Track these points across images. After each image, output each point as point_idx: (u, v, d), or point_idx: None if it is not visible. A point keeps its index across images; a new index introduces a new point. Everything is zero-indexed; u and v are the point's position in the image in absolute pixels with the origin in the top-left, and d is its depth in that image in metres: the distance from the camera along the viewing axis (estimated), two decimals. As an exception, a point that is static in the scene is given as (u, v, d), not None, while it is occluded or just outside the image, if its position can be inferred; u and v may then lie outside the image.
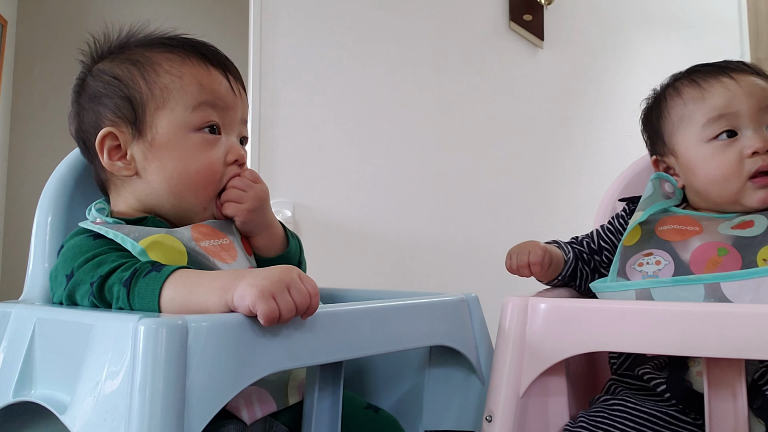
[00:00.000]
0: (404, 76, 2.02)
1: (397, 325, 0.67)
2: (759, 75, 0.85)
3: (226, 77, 0.77)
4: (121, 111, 0.73)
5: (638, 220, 0.84)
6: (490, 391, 0.71)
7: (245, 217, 0.77)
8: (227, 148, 0.75)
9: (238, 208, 0.76)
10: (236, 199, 0.76)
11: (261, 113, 1.88)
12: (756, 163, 0.81)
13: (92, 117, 0.75)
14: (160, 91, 0.72)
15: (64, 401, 0.54)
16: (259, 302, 0.52)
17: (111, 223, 0.68)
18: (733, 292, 0.71)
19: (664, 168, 0.93)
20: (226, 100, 0.76)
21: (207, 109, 0.74)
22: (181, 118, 0.72)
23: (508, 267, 0.91)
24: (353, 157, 1.96)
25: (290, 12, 1.94)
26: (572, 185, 2.13)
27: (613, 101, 2.19)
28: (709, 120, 0.84)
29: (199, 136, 0.73)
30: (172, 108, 0.72)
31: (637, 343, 0.65)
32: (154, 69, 0.73)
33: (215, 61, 0.77)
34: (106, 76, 0.74)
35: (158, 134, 0.72)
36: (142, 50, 0.75)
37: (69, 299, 0.65)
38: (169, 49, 0.75)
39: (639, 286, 0.76)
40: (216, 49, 0.79)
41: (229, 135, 0.76)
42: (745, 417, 0.65)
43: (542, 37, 2.14)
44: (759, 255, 0.75)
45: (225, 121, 0.76)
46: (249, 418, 0.64)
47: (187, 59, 0.75)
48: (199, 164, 0.73)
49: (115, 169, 0.73)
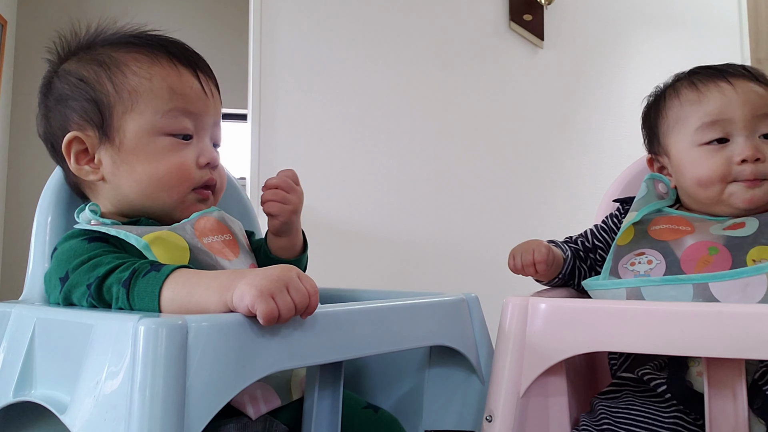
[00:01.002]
0: (404, 76, 2.02)
1: (397, 325, 0.67)
2: (759, 81, 0.85)
3: (197, 78, 0.74)
4: (88, 114, 0.71)
5: (632, 220, 0.85)
6: (490, 391, 0.71)
7: (288, 218, 0.79)
8: (199, 150, 0.74)
9: (282, 208, 0.78)
10: (282, 200, 0.78)
11: (261, 113, 1.88)
12: (744, 170, 0.81)
13: (59, 120, 0.73)
14: (128, 94, 0.70)
15: (64, 401, 0.54)
16: (259, 302, 0.52)
17: (109, 224, 0.68)
18: (721, 292, 0.72)
19: (658, 167, 0.94)
20: (198, 105, 0.74)
21: (178, 116, 0.72)
22: (150, 122, 0.70)
23: (512, 267, 0.91)
24: (353, 157, 1.96)
25: (290, 13, 1.94)
26: (572, 185, 2.14)
27: (613, 101, 2.19)
28: (703, 124, 0.84)
29: (167, 139, 0.71)
30: (141, 112, 0.70)
31: (637, 343, 0.65)
32: (122, 70, 0.71)
33: (185, 60, 0.74)
34: (72, 78, 0.72)
35: (126, 138, 0.70)
36: (109, 50, 0.72)
37: (66, 302, 0.65)
38: (136, 49, 0.72)
39: (630, 284, 0.77)
40: (185, 46, 0.76)
41: (201, 138, 0.75)
42: (745, 417, 0.65)
43: (542, 37, 2.14)
44: (748, 255, 0.75)
45: (197, 126, 0.74)
46: (254, 413, 0.64)
47: (156, 60, 0.72)
48: (169, 165, 0.71)
49: (82, 174, 0.72)
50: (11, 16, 3.35)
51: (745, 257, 0.76)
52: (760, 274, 0.71)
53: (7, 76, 3.30)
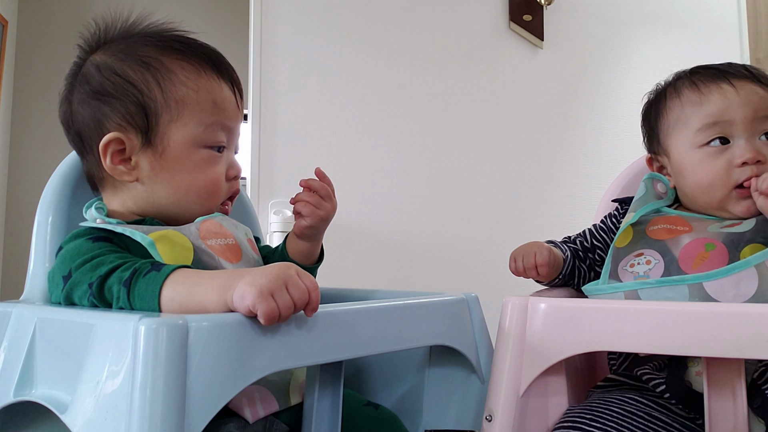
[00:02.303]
0: (404, 76, 2.02)
1: (397, 324, 0.67)
2: (760, 82, 0.85)
3: (234, 93, 0.76)
4: (133, 117, 0.70)
5: (629, 221, 0.85)
6: (490, 391, 0.71)
7: (315, 222, 0.81)
8: (228, 163, 0.76)
9: (314, 210, 0.81)
10: (316, 204, 0.81)
11: (261, 113, 1.88)
12: (744, 173, 0.81)
13: (93, 113, 0.71)
14: (175, 103, 0.71)
15: (65, 401, 0.54)
16: (259, 302, 0.52)
17: (115, 223, 0.68)
18: (716, 290, 0.72)
19: (657, 167, 0.94)
20: (234, 120, 0.76)
21: (218, 130, 0.74)
22: (193, 133, 0.72)
23: (514, 270, 0.91)
24: (353, 157, 1.96)
25: (290, 13, 1.94)
26: (572, 185, 2.14)
27: (613, 101, 2.19)
28: (704, 126, 0.84)
29: (206, 151, 0.73)
30: (185, 123, 0.71)
31: (637, 343, 0.65)
32: (170, 78, 0.71)
33: (226, 74, 0.76)
34: (116, 77, 0.71)
35: (169, 147, 0.71)
36: (154, 52, 0.72)
37: (67, 300, 0.65)
38: (184, 57, 0.73)
39: (627, 288, 0.77)
40: (224, 57, 0.78)
41: (230, 150, 0.77)
42: (744, 416, 0.65)
43: (542, 37, 2.14)
44: (743, 253, 0.76)
45: (229, 139, 0.76)
46: (252, 416, 0.64)
47: (203, 72, 0.73)
48: (206, 179, 0.73)
49: (116, 173, 0.72)
50: (12, 16, 3.35)
51: (739, 254, 0.76)
52: (749, 268, 0.71)
53: (8, 76, 3.30)
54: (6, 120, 3.31)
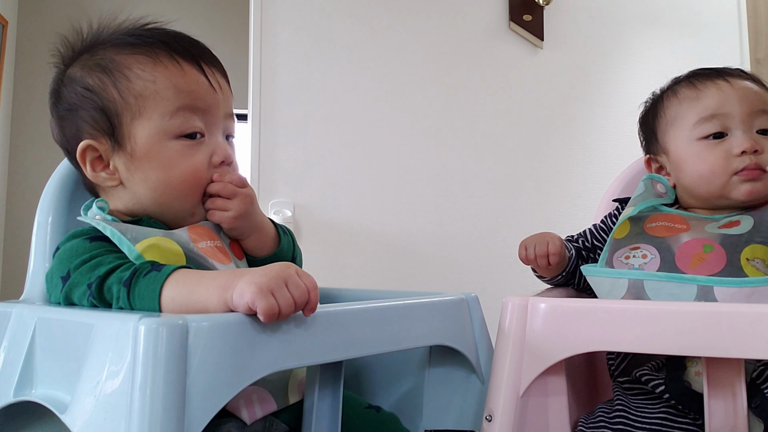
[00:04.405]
0: (404, 76, 2.02)
1: (397, 324, 0.67)
2: (755, 81, 0.87)
3: (202, 71, 0.72)
4: (98, 123, 0.70)
5: (629, 214, 0.86)
6: (490, 391, 0.71)
7: (231, 224, 0.75)
8: (212, 149, 0.73)
9: (222, 216, 0.74)
10: (221, 208, 0.74)
11: (261, 113, 1.88)
12: (743, 161, 0.83)
13: (72, 128, 0.72)
14: (134, 99, 0.69)
15: (65, 401, 0.54)
16: (258, 299, 0.52)
17: (110, 220, 0.68)
18: (725, 297, 0.72)
19: (656, 168, 0.95)
20: (207, 100, 0.72)
21: (186, 114, 0.70)
22: (158, 126, 0.69)
23: (523, 257, 0.90)
24: (353, 157, 1.96)
25: (290, 13, 1.94)
26: (572, 185, 2.14)
27: (613, 101, 2.19)
28: (701, 119, 0.86)
29: (178, 143, 0.70)
30: (149, 116, 0.69)
31: (637, 343, 0.65)
32: (125, 75, 0.70)
33: (187, 54, 0.72)
34: (78, 87, 0.71)
35: (137, 145, 0.70)
36: (111, 52, 0.71)
37: (66, 301, 0.65)
38: (138, 50, 0.70)
39: (633, 275, 0.78)
40: (186, 38, 0.74)
41: (213, 134, 0.73)
42: (744, 416, 0.65)
43: (542, 37, 2.14)
44: (743, 254, 0.76)
45: (207, 122, 0.72)
46: (249, 417, 0.64)
47: (158, 59, 0.70)
48: (182, 172, 0.71)
49: (99, 180, 0.72)
50: (12, 16, 3.35)
51: (739, 256, 0.76)
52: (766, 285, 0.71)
53: (8, 76, 3.30)
54: (6, 120, 3.31)
